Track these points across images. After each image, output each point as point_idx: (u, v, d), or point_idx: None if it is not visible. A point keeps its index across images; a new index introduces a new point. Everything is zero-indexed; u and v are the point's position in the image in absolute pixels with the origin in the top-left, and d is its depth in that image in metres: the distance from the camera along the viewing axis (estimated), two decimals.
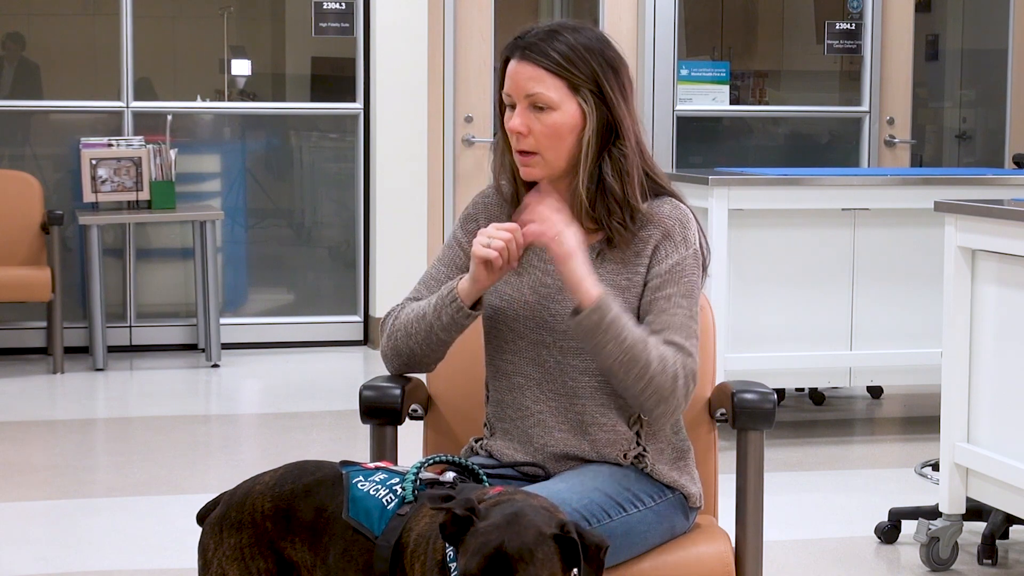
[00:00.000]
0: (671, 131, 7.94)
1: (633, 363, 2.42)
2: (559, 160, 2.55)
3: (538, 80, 2.51)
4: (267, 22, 8.77)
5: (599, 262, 2.56)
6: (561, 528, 2.01)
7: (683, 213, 2.58)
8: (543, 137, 2.53)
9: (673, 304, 2.51)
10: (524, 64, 2.53)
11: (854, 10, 8.16)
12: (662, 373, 2.43)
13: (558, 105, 2.52)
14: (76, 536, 4.51)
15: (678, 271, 2.54)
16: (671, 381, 2.44)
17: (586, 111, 2.53)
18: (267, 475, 2.36)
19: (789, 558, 4.29)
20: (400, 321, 2.62)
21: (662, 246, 2.55)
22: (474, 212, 2.70)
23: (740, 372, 5.33)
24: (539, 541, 1.99)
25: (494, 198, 2.69)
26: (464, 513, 2.01)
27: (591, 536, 2.02)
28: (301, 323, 7.86)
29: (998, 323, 4.01)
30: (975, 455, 4.07)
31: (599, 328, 2.41)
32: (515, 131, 2.53)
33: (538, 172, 2.55)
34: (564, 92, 2.52)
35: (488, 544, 1.98)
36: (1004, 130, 8.62)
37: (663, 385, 2.44)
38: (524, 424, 2.60)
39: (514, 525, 2.00)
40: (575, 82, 2.52)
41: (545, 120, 2.52)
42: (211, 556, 2.31)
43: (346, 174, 7.95)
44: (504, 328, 2.61)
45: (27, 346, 7.44)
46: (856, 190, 5.63)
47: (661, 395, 2.45)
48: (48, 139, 7.91)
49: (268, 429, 6.14)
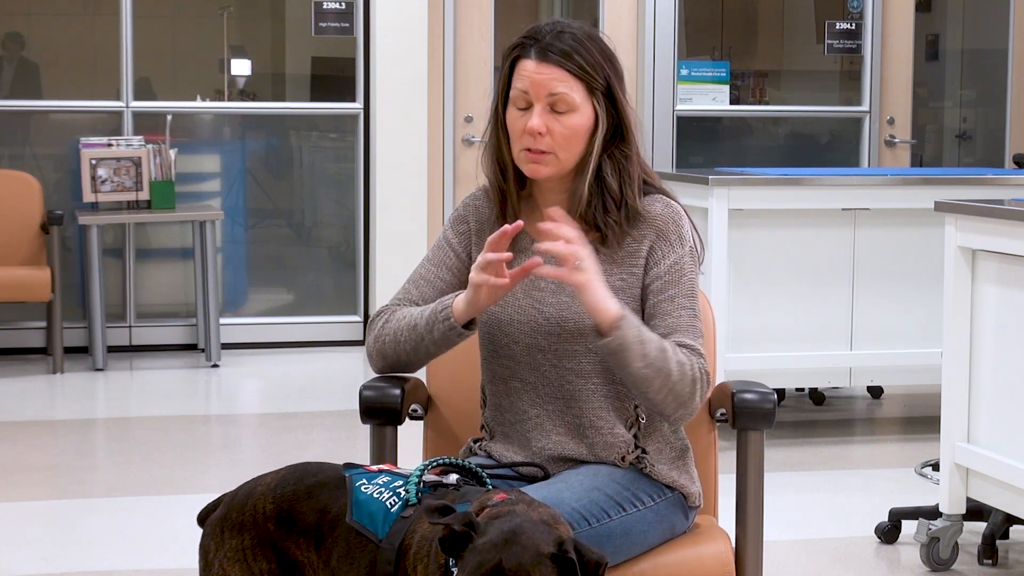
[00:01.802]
0: (671, 131, 7.94)
1: (656, 375, 2.43)
2: (570, 160, 2.55)
3: (561, 81, 2.51)
4: (267, 22, 8.77)
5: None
6: (559, 547, 2.00)
7: (675, 211, 2.58)
8: (561, 138, 2.52)
9: (677, 306, 2.52)
10: (546, 65, 2.52)
11: (854, 10, 8.16)
12: (681, 380, 2.45)
13: (578, 107, 2.52)
14: (76, 536, 4.51)
15: (677, 271, 2.54)
16: (690, 386, 2.46)
17: (599, 114, 2.54)
18: (268, 476, 2.36)
19: (789, 558, 4.29)
20: (391, 326, 2.60)
21: (657, 246, 2.55)
22: (464, 213, 2.69)
23: (740, 372, 5.33)
24: (537, 561, 1.98)
25: (484, 200, 2.68)
26: (462, 529, 2.01)
27: (590, 553, 2.00)
28: (301, 323, 7.86)
29: (998, 323, 4.01)
30: (975, 455, 4.07)
31: (623, 348, 2.41)
32: (535, 131, 2.52)
33: (547, 170, 2.55)
34: (583, 95, 2.53)
35: (485, 563, 1.97)
36: (1004, 130, 8.62)
37: (683, 391, 2.46)
38: (522, 428, 2.60)
39: (512, 544, 1.99)
40: (593, 85, 2.53)
41: (565, 122, 2.52)
42: (212, 557, 2.31)
43: (346, 174, 7.95)
44: (499, 333, 2.60)
45: (27, 346, 7.44)
46: (856, 190, 5.63)
47: (680, 400, 2.47)
48: (48, 139, 7.91)
49: (268, 429, 6.14)
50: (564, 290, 2.56)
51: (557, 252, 2.40)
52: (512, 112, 2.56)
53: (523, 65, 2.54)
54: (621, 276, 2.55)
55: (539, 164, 2.55)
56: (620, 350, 2.41)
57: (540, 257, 2.46)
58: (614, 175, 2.55)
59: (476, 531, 2.01)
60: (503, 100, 2.59)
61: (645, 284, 2.55)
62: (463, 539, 2.01)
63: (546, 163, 2.54)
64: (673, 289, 2.53)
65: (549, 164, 2.55)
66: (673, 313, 2.51)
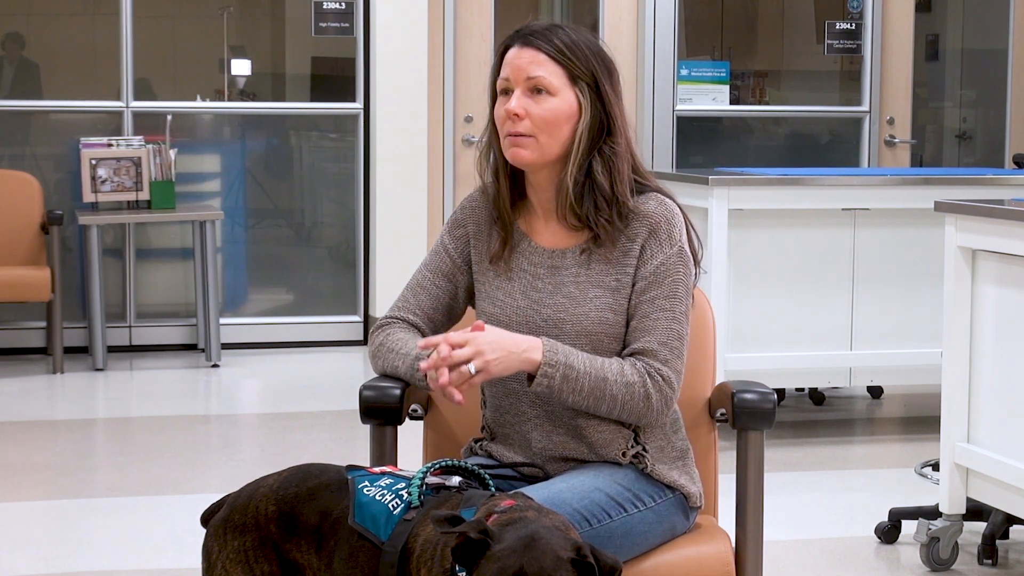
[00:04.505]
0: (671, 131, 7.94)
1: (599, 402, 2.49)
2: (552, 147, 2.55)
3: (539, 64, 2.53)
4: (267, 22, 8.77)
5: (586, 262, 2.56)
6: (577, 551, 2.01)
7: (669, 209, 2.58)
8: (540, 121, 2.53)
9: (656, 308, 2.52)
10: (526, 49, 2.55)
11: (854, 10, 8.16)
12: (631, 399, 2.49)
13: (557, 91, 2.53)
14: (76, 536, 4.51)
15: (662, 272, 2.54)
16: (642, 401, 2.50)
17: (582, 103, 2.54)
18: (271, 478, 2.36)
19: (789, 558, 4.29)
20: (383, 349, 2.63)
21: (648, 245, 2.55)
22: (461, 217, 2.70)
23: (740, 372, 5.33)
24: (558, 565, 1.99)
25: (480, 201, 2.69)
26: (479, 537, 2.01)
27: (605, 557, 2.02)
28: (301, 323, 7.86)
29: (998, 323, 4.01)
30: (975, 455, 4.07)
31: (552, 390, 2.47)
32: (512, 113, 2.53)
33: (527, 155, 2.55)
34: (564, 80, 2.54)
35: (507, 569, 1.98)
36: (1004, 130, 8.62)
37: (635, 408, 2.50)
38: (523, 428, 2.60)
39: (532, 549, 2.00)
40: (575, 72, 2.54)
41: (543, 104, 2.53)
42: (215, 559, 2.31)
43: (346, 174, 7.95)
44: None
45: (27, 346, 7.44)
46: (856, 190, 5.63)
47: (637, 415, 2.52)
48: (48, 139, 7.91)
49: (268, 429, 6.14)
50: (561, 291, 2.56)
51: (446, 359, 2.40)
52: (498, 102, 2.58)
53: (508, 54, 2.57)
54: (616, 276, 2.55)
55: (519, 148, 2.55)
56: (551, 392, 2.47)
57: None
58: (604, 173, 2.55)
59: (492, 538, 2.01)
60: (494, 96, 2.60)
61: (633, 283, 2.55)
62: (478, 547, 2.01)
63: (526, 147, 2.54)
64: (655, 291, 2.53)
65: (529, 148, 2.54)
66: (651, 315, 2.52)
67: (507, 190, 2.62)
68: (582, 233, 2.57)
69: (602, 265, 2.56)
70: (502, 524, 2.06)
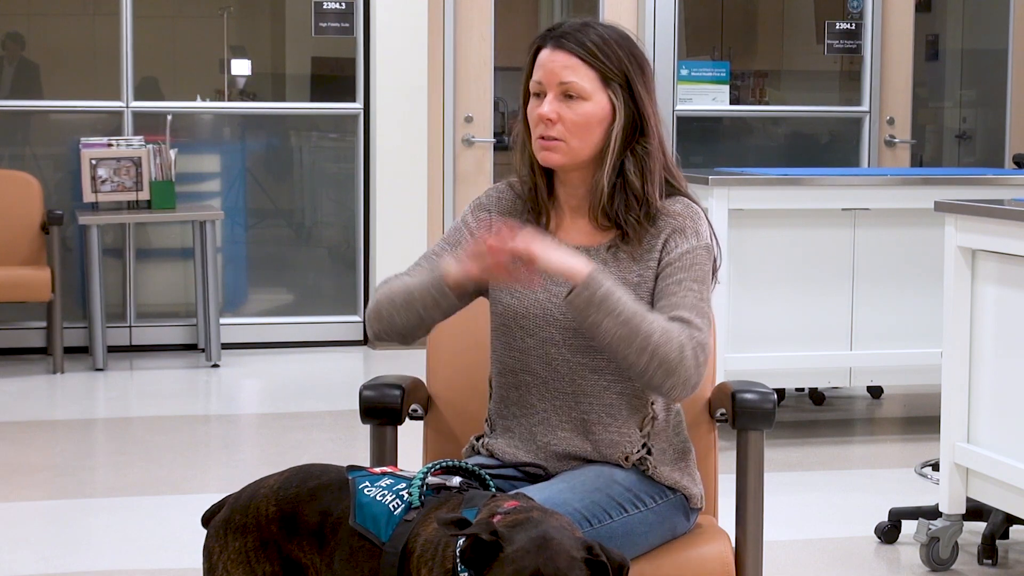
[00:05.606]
0: (671, 131, 7.94)
1: (633, 335, 2.37)
2: (583, 150, 2.55)
3: (572, 69, 2.52)
4: (267, 22, 8.77)
5: (612, 259, 2.55)
6: (589, 551, 2.02)
7: (695, 211, 2.59)
8: (572, 126, 2.52)
9: (683, 288, 2.49)
10: (559, 52, 2.53)
11: (854, 10, 8.16)
12: (666, 344, 2.38)
13: (590, 95, 2.52)
14: (76, 536, 4.51)
15: (688, 259, 2.52)
16: (677, 351, 2.38)
17: (616, 105, 2.53)
18: (272, 478, 2.36)
19: (789, 558, 4.29)
20: (387, 286, 2.62)
21: (672, 238, 2.54)
22: (487, 202, 2.69)
23: (740, 372, 5.33)
24: (572, 565, 2.00)
25: (507, 193, 2.68)
26: (490, 539, 2.01)
27: (614, 556, 2.03)
28: (301, 323, 7.86)
29: (998, 323, 4.01)
30: (975, 455, 4.07)
31: (591, 304, 2.38)
32: (545, 118, 2.52)
33: (558, 158, 2.55)
34: (596, 83, 2.53)
35: (524, 570, 1.98)
36: (1004, 130, 8.62)
37: (668, 356, 2.38)
38: (528, 422, 2.60)
39: (545, 550, 2.00)
40: (607, 75, 2.53)
41: (576, 109, 2.52)
42: (216, 559, 2.31)
43: (346, 174, 7.95)
44: (513, 325, 2.59)
45: (27, 346, 7.44)
46: (856, 190, 5.63)
47: (668, 367, 2.38)
48: (48, 139, 7.91)
49: (268, 429, 6.14)
50: None
51: (512, 251, 2.38)
52: (531, 103, 2.58)
53: (540, 55, 2.56)
54: (639, 272, 2.54)
55: (550, 151, 2.54)
56: (587, 306, 2.38)
57: None
58: (636, 173, 2.54)
59: (502, 540, 2.01)
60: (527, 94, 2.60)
61: (656, 273, 2.54)
62: (487, 548, 2.01)
63: (557, 150, 2.54)
64: (681, 273, 2.50)
65: (560, 152, 2.54)
66: (678, 293, 2.48)
67: (544, 184, 2.61)
68: (609, 232, 2.57)
69: (626, 263, 2.55)
70: (509, 525, 2.06)
